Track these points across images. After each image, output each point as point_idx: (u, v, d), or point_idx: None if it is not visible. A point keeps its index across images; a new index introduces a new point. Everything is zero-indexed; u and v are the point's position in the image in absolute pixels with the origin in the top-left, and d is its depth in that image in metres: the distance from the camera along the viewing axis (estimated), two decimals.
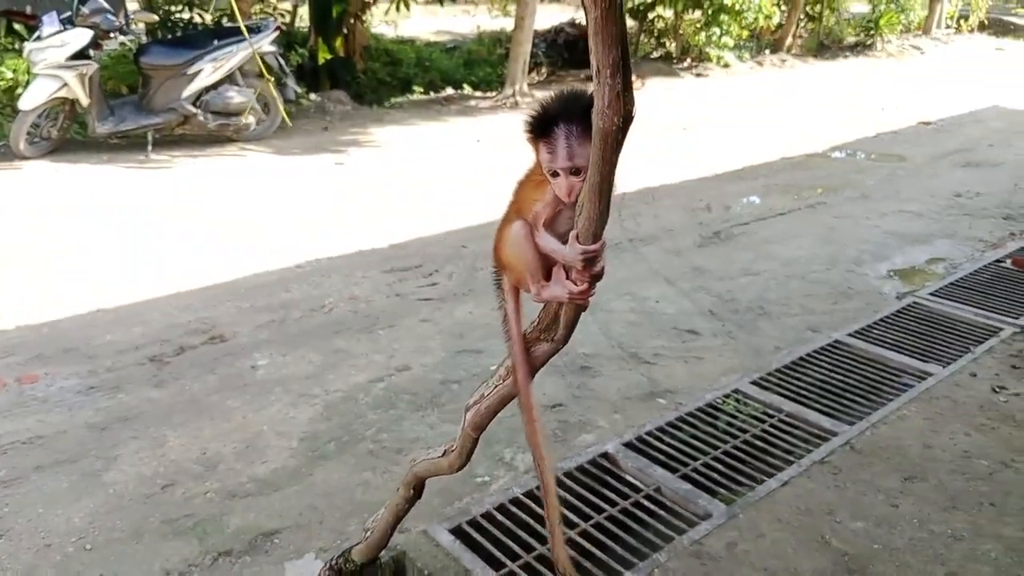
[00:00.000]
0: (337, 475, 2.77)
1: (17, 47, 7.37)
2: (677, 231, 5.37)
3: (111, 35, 7.04)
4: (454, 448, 1.85)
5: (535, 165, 1.59)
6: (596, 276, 1.51)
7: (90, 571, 2.33)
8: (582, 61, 11.26)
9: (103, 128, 6.88)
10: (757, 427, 3.03)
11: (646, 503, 2.61)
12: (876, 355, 3.59)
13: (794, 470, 2.74)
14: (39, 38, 6.56)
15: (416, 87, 10.11)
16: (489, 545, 2.38)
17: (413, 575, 2.29)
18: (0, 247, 4.87)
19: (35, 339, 3.74)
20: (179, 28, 8.87)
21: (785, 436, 2.98)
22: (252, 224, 5.38)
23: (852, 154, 7.88)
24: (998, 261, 4.77)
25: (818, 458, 2.81)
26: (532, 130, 1.48)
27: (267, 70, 7.40)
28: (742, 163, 7.23)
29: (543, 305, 1.66)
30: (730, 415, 3.12)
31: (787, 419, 3.08)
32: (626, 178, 1.41)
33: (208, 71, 7.08)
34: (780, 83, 11.96)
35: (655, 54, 12.75)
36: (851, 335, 3.78)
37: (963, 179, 6.82)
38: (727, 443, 2.93)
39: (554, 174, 1.46)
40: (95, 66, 6.72)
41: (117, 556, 2.38)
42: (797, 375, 3.42)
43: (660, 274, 4.59)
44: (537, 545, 2.37)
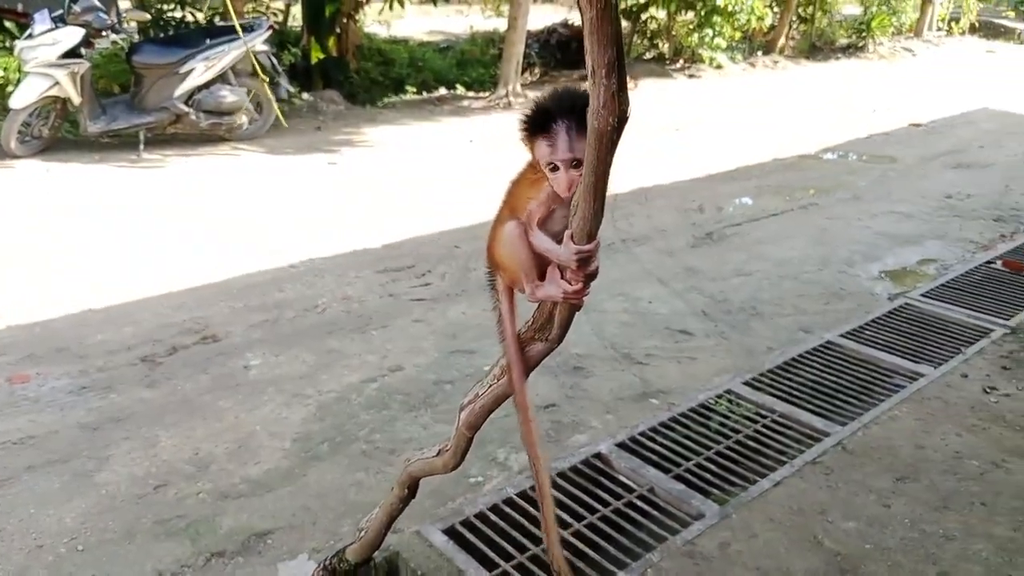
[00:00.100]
0: (330, 476, 2.77)
1: (8, 45, 7.32)
2: (670, 232, 5.38)
3: (103, 33, 6.99)
4: (448, 448, 1.85)
5: (529, 164, 1.59)
6: (591, 275, 1.51)
7: (82, 572, 2.32)
8: (575, 61, 11.27)
9: (95, 127, 6.84)
10: (750, 427, 3.04)
11: (639, 503, 2.61)
12: (868, 356, 3.60)
13: (786, 470, 2.75)
14: (30, 36, 6.52)
15: (409, 87, 10.09)
16: (482, 545, 2.38)
17: (406, 575, 2.29)
18: None
19: (26, 339, 3.72)
20: (171, 27, 8.83)
21: (777, 436, 2.99)
22: (245, 224, 5.36)
23: (844, 155, 7.91)
24: (989, 262, 4.79)
25: (810, 458, 2.82)
26: (529, 126, 1.48)
27: (260, 69, 7.38)
28: (735, 164, 7.25)
29: (537, 305, 1.66)
30: (723, 415, 3.13)
31: (779, 419, 3.09)
32: (619, 178, 1.42)
33: (200, 70, 7.04)
34: (772, 84, 11.99)
35: (648, 55, 12.76)
36: (843, 336, 3.79)
37: (954, 181, 6.85)
38: (720, 443, 2.93)
39: (553, 168, 1.46)
40: (87, 65, 6.68)
41: (109, 557, 2.37)
42: (789, 376, 3.43)
43: (653, 274, 4.60)
44: (531, 545, 2.37)
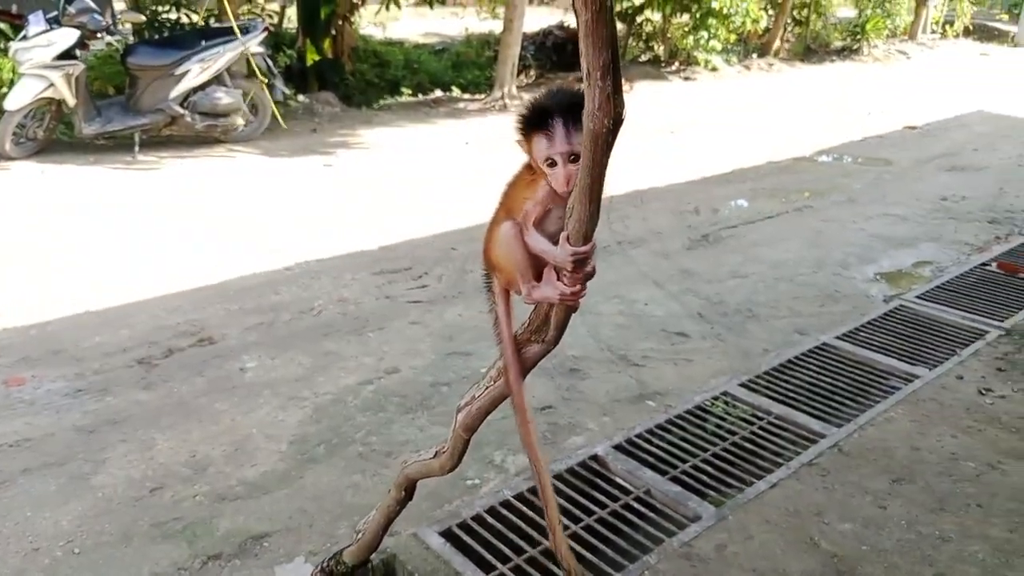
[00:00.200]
0: (327, 478, 2.77)
1: (3, 47, 7.31)
2: (665, 234, 5.39)
3: (98, 35, 6.99)
4: (445, 450, 1.85)
5: (525, 166, 1.59)
6: (587, 276, 1.52)
7: (78, 575, 2.31)
8: (570, 63, 11.29)
9: (90, 129, 6.83)
10: (746, 429, 3.05)
11: (636, 505, 2.61)
12: (863, 358, 3.61)
13: (783, 472, 2.75)
14: (25, 37, 6.51)
15: (404, 89, 10.10)
16: (479, 548, 2.38)
17: None
18: None
19: (22, 341, 3.71)
20: (166, 28, 8.83)
21: (774, 438, 3.00)
22: (240, 225, 5.36)
23: (839, 158, 7.93)
24: (983, 264, 4.81)
25: (806, 460, 2.83)
26: (526, 124, 1.49)
27: (259, 72, 7.37)
28: (730, 166, 7.26)
29: (534, 307, 1.66)
30: (719, 417, 3.13)
31: (776, 421, 3.10)
32: (615, 181, 1.42)
33: (196, 72, 7.04)
34: (767, 87, 12.02)
35: (643, 57, 12.79)
36: (839, 338, 3.80)
37: (948, 183, 6.87)
38: (716, 445, 2.94)
39: (551, 164, 1.47)
40: (82, 66, 6.67)
41: (105, 560, 2.37)
42: (785, 377, 3.44)
43: (649, 277, 4.60)
44: (528, 548, 2.37)
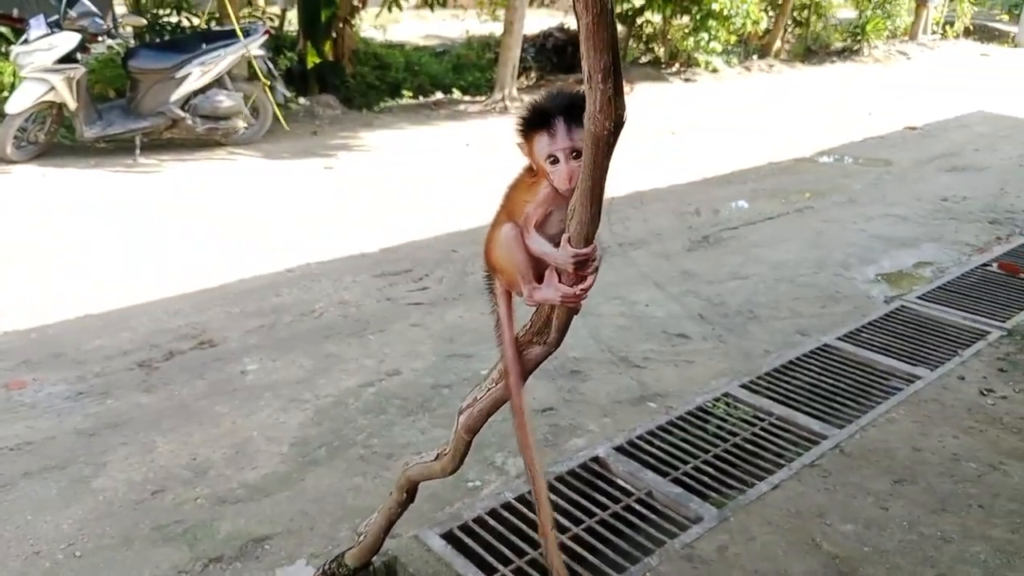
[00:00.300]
0: (328, 480, 2.77)
1: (4, 50, 7.32)
2: (666, 235, 5.39)
3: (99, 38, 7.00)
4: (447, 452, 1.85)
5: (526, 169, 1.59)
6: (594, 270, 1.53)
7: None
8: (571, 66, 11.29)
9: (91, 132, 6.83)
10: (747, 430, 3.05)
11: (637, 507, 2.61)
12: (865, 358, 3.61)
13: (784, 473, 2.75)
14: (26, 41, 6.51)
15: (405, 91, 10.10)
16: (481, 550, 2.38)
17: None
18: None
19: (23, 344, 3.71)
20: (167, 32, 8.83)
21: (775, 439, 3.00)
22: (241, 228, 5.36)
23: (839, 159, 7.93)
24: (984, 265, 4.81)
25: (808, 461, 2.83)
26: (526, 125, 1.49)
27: (261, 75, 7.38)
28: (730, 167, 7.26)
29: (535, 309, 1.66)
30: (720, 419, 3.13)
31: (777, 422, 3.10)
32: (615, 182, 1.42)
33: (196, 75, 7.04)
34: (768, 88, 12.02)
35: (644, 59, 12.79)
36: (840, 339, 3.80)
37: (949, 183, 6.87)
38: (717, 447, 2.94)
39: (553, 161, 1.47)
40: (82, 70, 6.67)
41: (107, 563, 2.37)
42: (787, 379, 3.43)
43: (649, 278, 4.60)
44: (529, 550, 2.37)
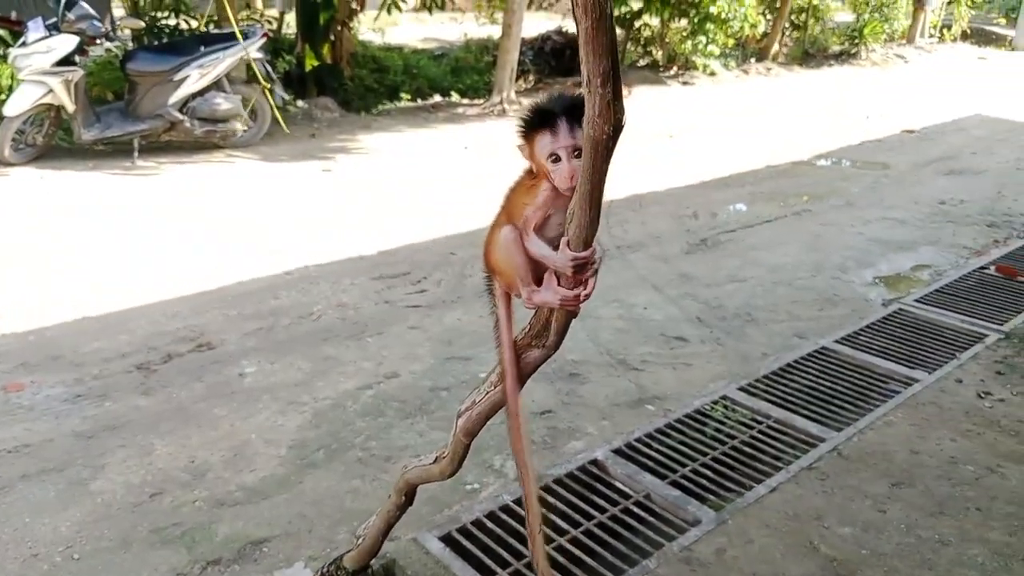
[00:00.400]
0: (326, 483, 2.77)
1: (2, 53, 7.31)
2: (664, 238, 5.40)
3: (97, 41, 6.99)
4: (445, 455, 1.86)
5: (526, 171, 1.60)
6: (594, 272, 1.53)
7: None
8: (569, 68, 11.30)
9: (89, 135, 6.83)
10: (745, 433, 3.05)
11: (635, 509, 2.62)
12: (863, 361, 3.61)
13: (782, 476, 2.76)
14: (24, 44, 6.51)
15: (404, 94, 10.10)
16: (479, 553, 2.39)
17: None
18: None
19: (21, 347, 3.71)
20: (165, 34, 8.83)
21: (773, 442, 3.00)
22: (239, 230, 5.36)
23: (837, 162, 7.94)
24: (982, 268, 4.82)
25: (806, 464, 2.83)
26: (530, 124, 1.50)
27: (261, 78, 7.38)
28: (728, 171, 7.27)
29: (534, 312, 1.67)
30: (718, 421, 3.14)
31: (775, 425, 3.10)
32: (614, 185, 1.43)
33: (195, 77, 7.04)
34: (766, 91, 12.04)
35: (642, 62, 12.80)
36: (838, 342, 3.81)
37: (946, 187, 6.88)
38: (716, 449, 2.94)
39: (555, 160, 1.47)
40: (81, 72, 6.67)
41: (105, 565, 2.36)
42: (785, 381, 3.44)
43: (648, 281, 4.61)
44: (527, 552, 2.37)
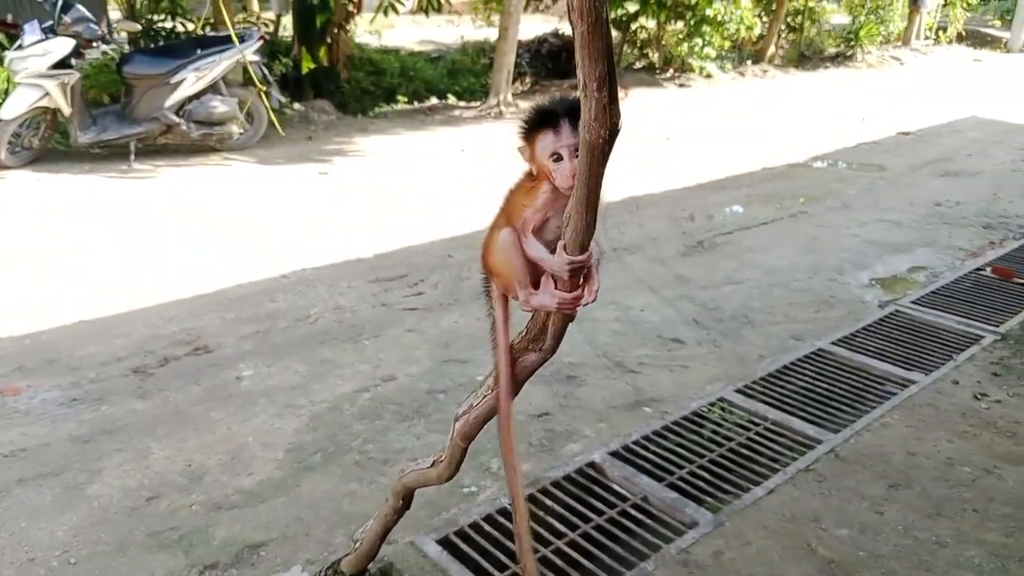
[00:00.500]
0: (323, 486, 2.76)
1: None
2: (661, 240, 5.40)
3: (93, 44, 6.99)
4: (443, 458, 1.86)
5: (526, 173, 1.60)
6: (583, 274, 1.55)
7: None
8: (566, 71, 11.30)
9: (85, 138, 6.82)
10: (742, 435, 3.05)
11: (633, 512, 2.62)
12: (859, 363, 3.62)
13: (779, 478, 2.76)
14: (20, 47, 6.50)
15: (400, 97, 10.10)
16: (476, 555, 2.39)
17: None
18: None
19: (16, 351, 3.70)
20: (162, 37, 8.82)
21: (770, 444, 3.00)
22: (236, 233, 5.35)
23: (833, 164, 7.96)
24: (978, 269, 4.83)
25: (803, 466, 2.84)
26: (531, 125, 1.51)
27: (258, 80, 7.38)
28: (725, 173, 7.28)
29: (531, 315, 1.67)
30: (715, 423, 3.14)
31: (772, 427, 3.11)
32: (610, 187, 1.43)
33: (191, 80, 7.03)
34: (762, 93, 12.05)
35: (638, 65, 12.82)
36: (834, 343, 3.81)
37: (942, 188, 6.90)
38: (713, 451, 2.94)
39: (557, 159, 1.48)
40: (77, 75, 6.67)
41: (102, 570, 2.36)
42: (781, 383, 3.44)
43: (644, 283, 4.61)
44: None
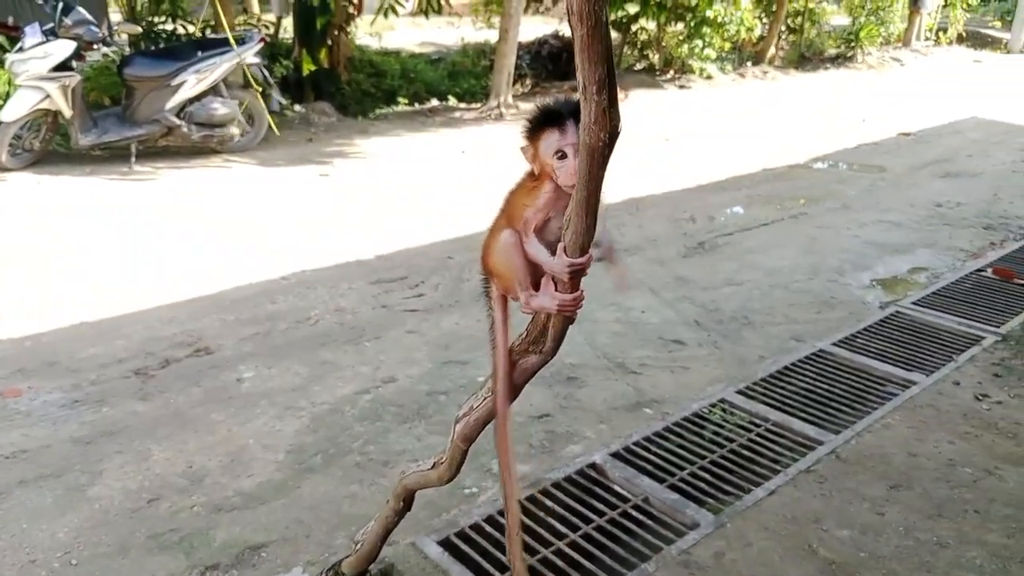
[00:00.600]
0: (324, 488, 2.76)
1: None
2: (661, 241, 5.40)
3: (94, 46, 7.00)
4: (443, 460, 1.86)
5: (527, 173, 1.61)
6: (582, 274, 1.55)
7: None
8: (566, 73, 11.30)
9: (86, 140, 6.83)
10: (743, 436, 3.05)
11: (634, 513, 2.62)
12: (860, 364, 3.62)
13: (780, 479, 2.76)
14: (21, 49, 6.51)
15: (401, 98, 10.11)
16: (477, 557, 2.39)
17: None
18: None
19: (17, 353, 3.70)
20: (162, 39, 8.84)
21: (771, 445, 3.00)
22: (237, 234, 5.36)
23: (833, 165, 7.96)
24: (979, 270, 4.83)
25: (804, 467, 2.84)
26: (536, 124, 1.51)
27: (253, 81, 7.39)
28: (725, 174, 7.28)
29: (531, 318, 1.67)
30: (716, 425, 3.14)
31: (773, 428, 3.11)
32: (610, 189, 1.44)
33: (192, 82, 7.04)
34: (762, 95, 12.06)
35: (638, 66, 12.82)
36: (835, 344, 3.81)
37: (943, 189, 6.90)
38: (714, 452, 2.94)
39: (561, 156, 1.48)
40: (78, 77, 6.67)
41: (102, 571, 2.36)
42: (782, 384, 3.44)
43: (645, 284, 4.61)
44: (526, 556, 2.37)
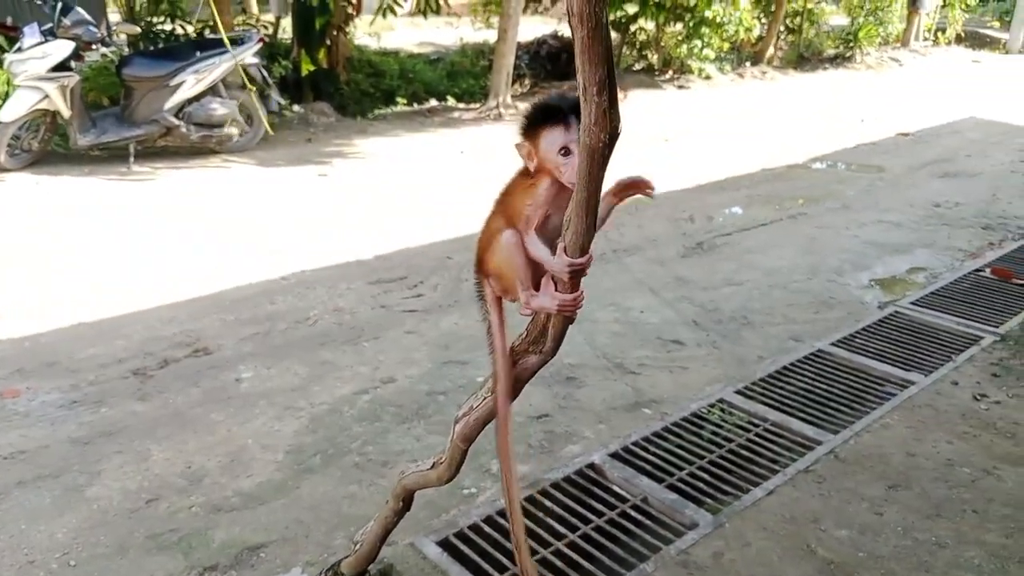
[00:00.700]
0: (323, 488, 2.76)
1: None
2: (660, 241, 5.40)
3: (93, 47, 7.00)
4: (443, 460, 1.86)
5: (521, 172, 1.61)
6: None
7: None
8: (565, 73, 11.31)
9: (84, 140, 6.83)
10: (742, 436, 3.06)
11: (632, 513, 2.62)
12: (859, 364, 3.62)
13: (779, 479, 2.76)
14: (20, 49, 6.51)
15: (399, 99, 10.11)
16: (476, 557, 2.39)
17: None
18: None
19: (16, 353, 3.70)
20: (161, 40, 8.83)
21: (770, 445, 3.01)
22: (236, 235, 5.36)
23: (832, 165, 7.96)
24: (977, 270, 4.83)
25: (803, 467, 2.84)
26: (537, 120, 1.51)
27: (250, 81, 7.39)
28: (724, 174, 7.28)
29: (531, 318, 1.67)
30: (715, 425, 3.14)
31: (772, 428, 3.11)
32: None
33: (191, 83, 7.04)
34: (761, 95, 12.06)
35: (637, 66, 12.83)
36: (834, 344, 3.82)
37: (941, 189, 6.90)
38: (713, 453, 2.95)
39: (566, 153, 1.49)
40: (76, 78, 6.67)
41: (101, 572, 2.36)
42: (781, 384, 3.45)
43: (644, 284, 4.61)
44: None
